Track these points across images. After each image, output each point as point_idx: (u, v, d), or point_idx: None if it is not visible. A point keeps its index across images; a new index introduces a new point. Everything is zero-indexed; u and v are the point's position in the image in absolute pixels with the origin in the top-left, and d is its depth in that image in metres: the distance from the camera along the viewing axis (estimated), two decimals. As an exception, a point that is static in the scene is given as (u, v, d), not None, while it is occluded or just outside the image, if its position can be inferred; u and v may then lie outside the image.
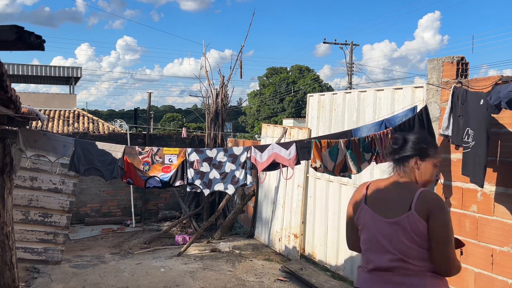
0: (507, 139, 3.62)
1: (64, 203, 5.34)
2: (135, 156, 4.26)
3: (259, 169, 4.17)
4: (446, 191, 4.20)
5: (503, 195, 3.63)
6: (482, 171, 3.41)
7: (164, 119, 46.88)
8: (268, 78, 44.63)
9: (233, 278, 5.87)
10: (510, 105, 3.06)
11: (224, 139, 9.75)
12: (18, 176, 4.94)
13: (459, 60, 4.18)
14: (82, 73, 19.87)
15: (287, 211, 7.12)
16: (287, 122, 25.38)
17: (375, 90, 5.59)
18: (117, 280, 5.75)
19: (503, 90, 3.12)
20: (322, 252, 6.41)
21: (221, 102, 9.50)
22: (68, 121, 16.23)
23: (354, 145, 4.07)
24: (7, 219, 3.76)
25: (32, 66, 18.97)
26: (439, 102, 4.33)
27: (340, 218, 6.06)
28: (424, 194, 2.11)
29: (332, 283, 5.35)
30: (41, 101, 17.94)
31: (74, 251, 7.35)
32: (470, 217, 3.94)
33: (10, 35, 1.52)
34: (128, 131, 10.89)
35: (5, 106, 2.65)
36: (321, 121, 6.66)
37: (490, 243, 3.72)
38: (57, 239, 5.33)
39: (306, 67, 43.33)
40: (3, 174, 3.67)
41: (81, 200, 9.63)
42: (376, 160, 4.19)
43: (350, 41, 27.43)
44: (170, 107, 74.98)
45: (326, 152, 4.00)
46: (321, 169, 4.07)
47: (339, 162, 4.07)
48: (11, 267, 3.84)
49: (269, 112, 40.89)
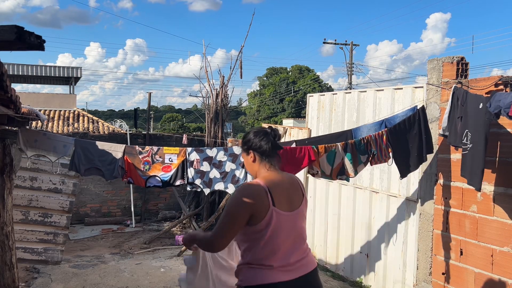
0: (507, 139, 3.62)
1: (64, 203, 5.34)
2: (136, 156, 4.27)
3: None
4: (446, 191, 4.20)
5: (503, 195, 3.63)
6: (479, 175, 3.39)
7: (164, 119, 46.84)
8: (268, 78, 44.63)
9: (233, 278, 5.86)
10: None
11: (224, 139, 9.75)
12: (18, 176, 4.94)
13: (459, 60, 4.18)
14: (82, 73, 19.87)
15: (287, 211, 7.11)
16: (287, 122, 25.40)
17: (375, 90, 5.59)
18: (117, 280, 5.75)
19: (503, 99, 3.10)
20: (322, 252, 6.41)
21: (221, 102, 9.50)
22: (68, 121, 16.23)
23: (352, 148, 4.06)
24: (7, 219, 3.75)
25: (32, 66, 18.95)
26: (439, 102, 4.33)
27: (340, 218, 6.07)
28: (300, 180, 2.43)
29: (332, 283, 5.35)
30: (41, 101, 17.93)
31: (74, 251, 7.35)
32: (470, 217, 3.94)
33: (10, 35, 1.52)
34: (128, 131, 10.89)
35: (5, 106, 2.65)
36: (321, 121, 6.66)
37: (490, 243, 3.72)
38: (57, 239, 5.33)
39: (306, 67, 43.34)
40: (3, 174, 3.67)
41: (81, 200, 9.62)
42: (371, 162, 4.18)
43: (350, 41, 27.45)
44: (170, 107, 74.95)
45: (324, 157, 3.98)
46: (318, 175, 4.06)
47: (337, 166, 4.05)
48: (11, 267, 3.83)
49: (269, 112, 40.89)
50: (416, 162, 4.23)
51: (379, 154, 4.14)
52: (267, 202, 2.12)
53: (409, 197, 4.89)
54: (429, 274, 4.38)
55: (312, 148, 3.95)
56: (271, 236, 2.12)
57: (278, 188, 2.20)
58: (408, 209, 4.90)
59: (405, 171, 4.25)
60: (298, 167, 3.92)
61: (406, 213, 4.93)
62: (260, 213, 2.11)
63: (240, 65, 9.62)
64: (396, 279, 5.02)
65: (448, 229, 4.16)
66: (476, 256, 3.86)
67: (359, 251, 5.66)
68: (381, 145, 4.13)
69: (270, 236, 2.12)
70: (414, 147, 4.19)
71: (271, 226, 2.11)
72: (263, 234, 2.12)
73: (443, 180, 4.25)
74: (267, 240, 2.12)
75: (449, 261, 4.15)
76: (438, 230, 4.28)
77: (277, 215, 2.13)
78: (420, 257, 4.52)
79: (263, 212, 2.10)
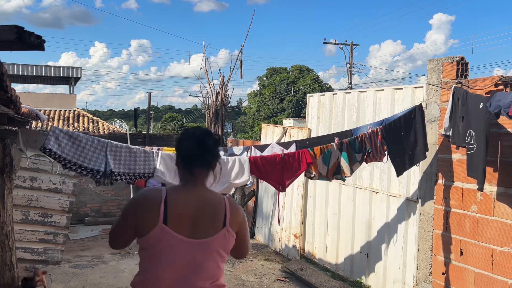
0: (507, 139, 3.62)
1: (64, 203, 5.34)
2: (135, 156, 4.25)
3: (259, 169, 4.16)
4: (446, 191, 4.20)
5: (503, 195, 3.63)
6: (481, 175, 3.41)
7: (164, 119, 46.85)
8: (268, 78, 44.63)
9: (233, 278, 5.86)
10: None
11: (224, 139, 9.75)
12: (18, 176, 4.94)
13: (459, 60, 4.18)
14: (82, 73, 19.89)
15: (287, 211, 7.12)
16: (287, 122, 25.41)
17: (375, 90, 5.59)
18: (117, 280, 5.75)
19: (503, 99, 3.11)
20: (322, 252, 6.41)
21: (221, 102, 9.51)
22: (68, 121, 16.23)
23: (347, 147, 4.07)
24: (7, 219, 3.75)
25: (32, 66, 18.97)
26: (439, 102, 4.33)
27: (340, 218, 6.07)
28: (234, 205, 1.87)
29: (332, 283, 5.35)
30: (41, 101, 17.94)
31: (74, 251, 7.35)
32: (470, 217, 3.94)
33: (10, 35, 1.52)
34: (128, 131, 10.90)
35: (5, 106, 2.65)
36: (321, 121, 6.66)
37: (490, 243, 3.72)
38: (57, 239, 5.33)
39: (306, 67, 43.33)
40: (3, 174, 3.67)
41: (81, 200, 9.62)
42: (366, 160, 4.18)
43: (350, 41, 27.45)
44: (170, 107, 74.97)
45: (320, 158, 3.99)
46: (315, 178, 4.07)
47: (332, 166, 4.05)
48: (11, 267, 3.83)
49: (269, 112, 40.89)
50: (412, 160, 4.24)
51: (374, 152, 4.14)
52: (155, 215, 1.72)
53: (409, 197, 4.89)
54: (429, 274, 4.38)
55: (308, 151, 3.95)
56: (155, 260, 1.74)
57: (183, 206, 1.77)
58: (408, 209, 4.90)
59: (401, 168, 4.26)
60: (296, 172, 3.93)
61: (406, 213, 4.93)
62: (144, 225, 1.74)
63: (240, 65, 9.62)
64: (396, 279, 5.02)
65: (448, 229, 4.16)
66: (476, 256, 3.85)
67: (359, 251, 5.66)
68: (376, 143, 4.14)
69: (154, 259, 1.74)
70: (410, 145, 4.19)
71: (156, 248, 1.73)
72: (147, 254, 1.77)
73: (443, 180, 4.25)
74: (150, 263, 1.76)
75: (449, 261, 4.15)
76: (438, 230, 4.28)
77: (166, 236, 1.72)
78: (420, 257, 4.52)
79: (148, 226, 1.72)
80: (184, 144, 1.87)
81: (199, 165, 1.84)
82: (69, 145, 3.43)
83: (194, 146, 1.83)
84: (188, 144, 1.86)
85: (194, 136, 1.86)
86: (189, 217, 1.76)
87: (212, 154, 1.87)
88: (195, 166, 1.84)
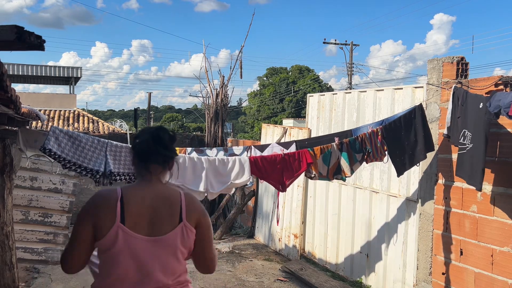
0: (507, 139, 3.62)
1: (64, 203, 5.35)
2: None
3: (259, 169, 4.16)
4: (446, 191, 4.20)
5: (503, 195, 3.63)
6: (480, 175, 3.40)
7: (164, 119, 46.87)
8: (268, 78, 44.63)
9: (233, 278, 5.86)
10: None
11: (224, 139, 9.76)
12: (18, 176, 4.94)
13: (459, 60, 4.18)
14: (82, 73, 19.89)
15: (287, 211, 7.12)
16: (287, 122, 25.39)
17: (375, 90, 5.59)
18: (117, 280, 5.75)
19: (503, 99, 3.11)
20: (322, 252, 6.42)
21: (221, 102, 9.51)
22: (68, 121, 16.23)
23: (347, 147, 4.07)
24: (7, 219, 3.75)
25: (32, 66, 18.98)
26: (439, 102, 4.33)
27: (340, 218, 6.07)
28: (190, 199, 1.85)
29: (332, 283, 5.35)
30: (41, 101, 17.95)
31: (74, 251, 7.35)
32: (470, 217, 3.94)
33: (10, 35, 1.52)
34: (128, 131, 10.90)
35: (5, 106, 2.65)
36: (321, 121, 6.66)
37: (490, 243, 3.72)
38: (57, 239, 5.34)
39: (306, 67, 43.34)
40: (3, 174, 3.67)
41: (81, 200, 9.60)
42: (367, 160, 4.19)
43: (350, 41, 27.46)
44: (170, 107, 74.98)
45: (320, 158, 3.99)
46: (316, 178, 4.07)
47: (332, 166, 4.06)
48: (11, 267, 3.83)
49: (269, 112, 40.89)
50: (412, 160, 4.24)
51: (374, 152, 4.14)
52: (112, 216, 1.70)
53: (409, 197, 4.89)
54: (429, 274, 4.38)
55: (308, 151, 3.96)
56: (114, 261, 1.71)
57: (139, 204, 1.75)
58: (408, 209, 4.90)
59: (401, 168, 4.26)
60: (297, 172, 3.93)
61: (406, 213, 4.93)
62: (101, 227, 1.70)
63: (240, 65, 9.63)
64: (396, 279, 5.02)
65: (448, 229, 4.16)
66: (476, 256, 3.85)
67: (359, 251, 5.66)
68: (376, 143, 4.14)
69: (114, 260, 1.71)
70: (410, 145, 4.19)
71: (115, 248, 1.70)
72: (107, 257, 1.73)
73: (443, 180, 4.25)
74: (110, 265, 1.73)
75: (449, 261, 4.15)
76: (438, 230, 4.28)
77: (124, 236, 1.70)
78: (420, 257, 4.52)
79: (105, 227, 1.70)
80: (139, 140, 1.84)
81: (155, 160, 1.82)
82: (69, 145, 3.43)
83: (149, 141, 1.81)
84: (143, 140, 1.83)
85: (149, 132, 1.84)
86: (145, 215, 1.75)
87: (168, 149, 1.85)
88: (151, 161, 1.82)
